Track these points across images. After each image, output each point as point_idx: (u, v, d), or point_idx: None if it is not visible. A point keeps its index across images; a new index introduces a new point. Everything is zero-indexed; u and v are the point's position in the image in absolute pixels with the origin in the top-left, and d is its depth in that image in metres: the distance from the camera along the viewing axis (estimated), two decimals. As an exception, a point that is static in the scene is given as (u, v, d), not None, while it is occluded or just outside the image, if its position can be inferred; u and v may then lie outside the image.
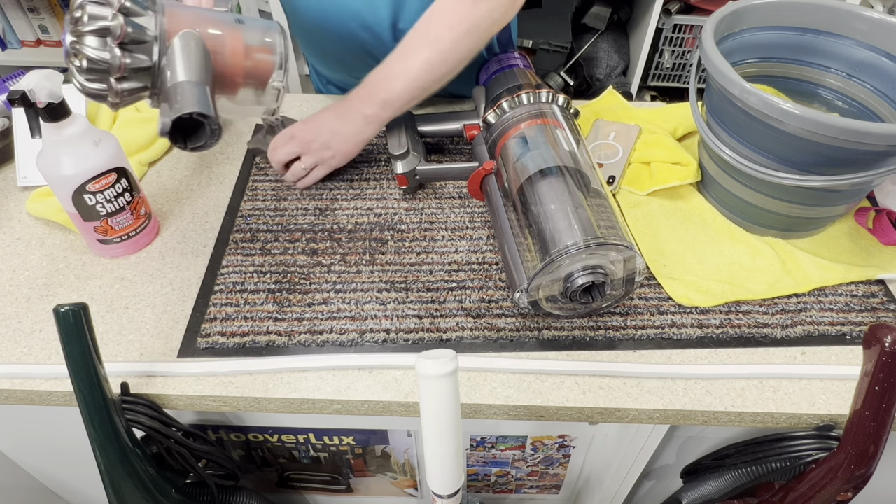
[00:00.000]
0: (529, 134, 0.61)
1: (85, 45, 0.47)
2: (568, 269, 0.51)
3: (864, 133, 0.50)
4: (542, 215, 0.54)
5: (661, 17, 1.63)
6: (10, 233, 0.67)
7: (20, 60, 1.82)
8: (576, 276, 0.51)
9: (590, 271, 0.51)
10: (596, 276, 0.51)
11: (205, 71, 0.51)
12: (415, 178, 0.69)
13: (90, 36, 0.46)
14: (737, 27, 0.66)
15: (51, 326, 0.57)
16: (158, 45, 0.49)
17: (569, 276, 0.51)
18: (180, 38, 0.50)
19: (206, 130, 0.49)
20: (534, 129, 0.62)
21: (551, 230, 0.52)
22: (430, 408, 0.42)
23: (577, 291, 0.51)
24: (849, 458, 0.48)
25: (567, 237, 0.50)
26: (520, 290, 0.53)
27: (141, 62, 0.49)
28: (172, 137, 0.49)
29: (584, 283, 0.51)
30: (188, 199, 0.72)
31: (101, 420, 0.49)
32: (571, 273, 0.51)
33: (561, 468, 0.74)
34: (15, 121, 0.73)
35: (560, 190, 0.55)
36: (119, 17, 0.47)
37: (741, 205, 0.65)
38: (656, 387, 0.53)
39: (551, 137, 0.61)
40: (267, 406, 0.54)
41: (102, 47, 0.47)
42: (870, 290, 0.61)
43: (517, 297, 0.54)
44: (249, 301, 0.60)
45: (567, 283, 0.52)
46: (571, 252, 0.49)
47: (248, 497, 0.66)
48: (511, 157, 0.61)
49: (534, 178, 0.57)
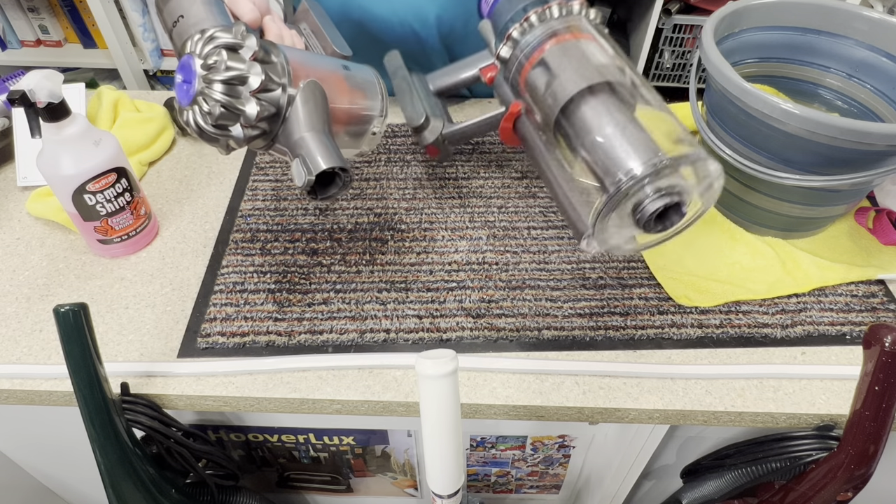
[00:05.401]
0: (551, 58, 0.53)
1: (219, 94, 0.44)
2: (636, 198, 0.45)
3: (864, 133, 0.50)
4: (592, 144, 0.47)
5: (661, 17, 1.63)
6: (10, 233, 0.67)
7: (20, 60, 1.82)
8: (645, 204, 0.44)
9: (661, 194, 0.44)
10: (670, 196, 0.44)
11: (327, 121, 0.50)
12: (444, 143, 0.64)
13: (227, 84, 0.44)
14: (737, 27, 0.66)
15: (51, 326, 0.58)
16: (286, 91, 0.47)
17: (638, 205, 0.45)
18: (306, 87, 0.48)
19: (339, 182, 0.48)
20: (555, 51, 0.53)
21: (605, 159, 0.46)
22: (430, 408, 0.42)
23: (650, 219, 0.45)
24: (849, 458, 0.48)
25: (625, 163, 0.44)
26: (586, 237, 0.47)
27: (269, 111, 0.47)
28: (310, 191, 0.48)
29: (656, 208, 0.44)
30: (188, 199, 0.72)
31: (101, 420, 0.49)
32: (640, 201, 0.45)
33: (561, 468, 0.74)
34: (15, 121, 0.73)
35: (603, 111, 0.48)
36: (257, 67, 0.45)
37: (741, 205, 0.65)
38: (656, 387, 0.53)
39: (578, 53, 0.52)
40: (267, 406, 0.54)
41: (237, 96, 0.45)
42: (870, 290, 0.61)
43: (584, 244, 0.48)
44: (249, 301, 0.60)
45: (638, 213, 0.45)
46: (635, 178, 0.43)
47: (248, 497, 0.66)
48: (539, 90, 0.53)
49: (570, 106, 0.50)
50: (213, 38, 0.44)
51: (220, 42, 0.44)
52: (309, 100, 0.48)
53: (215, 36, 0.45)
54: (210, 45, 0.44)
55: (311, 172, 0.46)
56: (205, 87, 0.44)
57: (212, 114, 0.44)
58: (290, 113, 0.48)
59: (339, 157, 0.47)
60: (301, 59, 0.50)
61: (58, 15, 1.79)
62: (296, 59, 0.49)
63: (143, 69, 1.83)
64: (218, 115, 0.44)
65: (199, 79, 0.44)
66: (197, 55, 0.44)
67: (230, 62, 0.44)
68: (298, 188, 0.48)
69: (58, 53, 1.84)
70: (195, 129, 0.46)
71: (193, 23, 0.51)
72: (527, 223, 0.68)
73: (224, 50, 0.44)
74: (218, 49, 0.44)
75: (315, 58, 0.55)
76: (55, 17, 1.79)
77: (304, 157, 0.46)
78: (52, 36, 1.83)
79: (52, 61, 1.82)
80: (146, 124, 0.76)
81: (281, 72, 0.47)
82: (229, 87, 0.44)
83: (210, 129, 0.46)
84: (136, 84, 1.84)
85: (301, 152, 0.47)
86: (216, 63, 0.44)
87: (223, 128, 0.46)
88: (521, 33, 0.56)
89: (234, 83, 0.44)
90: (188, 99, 0.45)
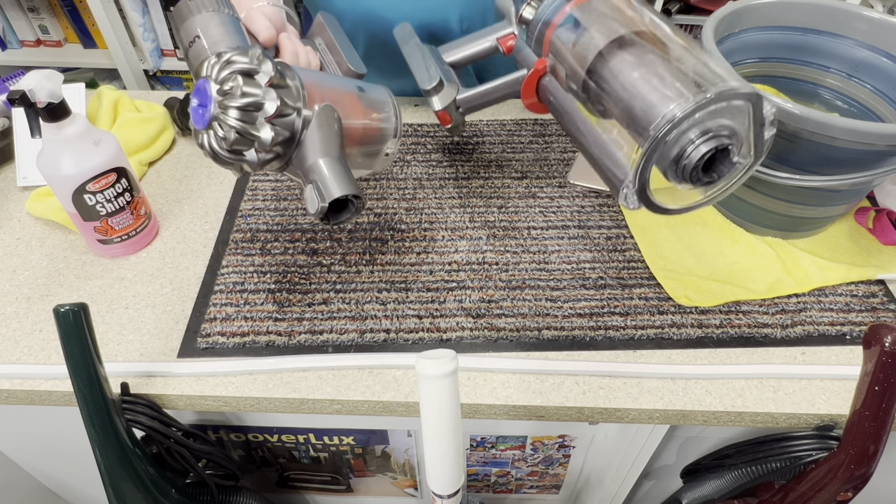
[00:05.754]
0: (579, 13, 0.51)
1: (234, 120, 0.44)
2: (679, 144, 0.41)
3: (864, 133, 0.50)
4: (626, 93, 0.44)
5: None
6: (10, 233, 0.67)
7: (20, 60, 1.82)
8: (690, 150, 0.40)
9: (707, 137, 0.40)
10: (718, 139, 0.40)
11: (342, 145, 0.49)
12: (457, 111, 0.62)
13: (242, 111, 0.44)
14: (737, 27, 0.66)
15: (51, 326, 0.58)
16: (300, 115, 0.47)
17: (681, 153, 0.41)
18: (321, 111, 0.48)
19: (351, 208, 0.48)
20: (582, 7, 0.51)
21: (642, 105, 0.42)
22: (430, 408, 0.42)
23: (696, 168, 0.41)
24: (849, 458, 0.48)
25: (664, 104, 0.40)
26: (625, 188, 0.44)
27: (284, 136, 0.46)
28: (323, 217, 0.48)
29: (703, 153, 0.40)
30: (188, 199, 0.72)
31: (101, 420, 0.49)
32: (684, 147, 0.41)
33: (561, 468, 0.74)
34: (15, 121, 0.73)
35: (636, 59, 0.45)
36: (272, 94, 0.44)
37: (741, 205, 0.65)
38: (656, 387, 0.53)
39: (606, 6, 0.50)
40: (267, 406, 0.54)
41: (252, 122, 0.45)
42: (870, 290, 0.61)
43: (623, 195, 0.45)
44: (249, 301, 0.60)
45: (683, 161, 0.41)
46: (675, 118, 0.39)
47: (248, 497, 0.66)
48: (566, 46, 0.51)
49: (601, 58, 0.47)
50: (230, 63, 0.44)
51: (236, 68, 0.44)
52: (323, 125, 0.48)
53: (232, 60, 0.44)
54: (226, 70, 0.44)
55: (325, 200, 0.45)
56: (220, 112, 0.44)
57: (227, 139, 0.44)
58: (305, 137, 0.48)
59: (352, 185, 0.46)
60: (316, 81, 0.50)
61: (58, 15, 1.79)
62: (311, 80, 0.49)
63: (143, 69, 1.83)
64: (233, 141, 0.44)
65: (214, 104, 0.44)
66: (213, 80, 0.44)
67: (246, 88, 0.44)
68: (311, 215, 0.47)
69: (58, 53, 1.84)
70: (209, 152, 0.46)
71: (210, 44, 0.51)
72: (527, 223, 0.68)
73: (240, 76, 0.44)
74: (234, 75, 0.44)
75: (329, 79, 0.54)
76: (55, 17, 1.80)
77: (318, 183, 0.46)
78: (52, 36, 1.83)
79: (52, 61, 1.82)
80: (146, 124, 0.76)
81: (296, 95, 0.47)
82: (245, 114, 0.44)
83: (225, 153, 0.45)
84: (136, 84, 1.84)
85: (314, 178, 0.46)
86: (232, 89, 0.44)
87: (238, 153, 0.46)
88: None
89: (249, 109, 0.44)
90: (203, 123, 0.45)
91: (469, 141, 0.79)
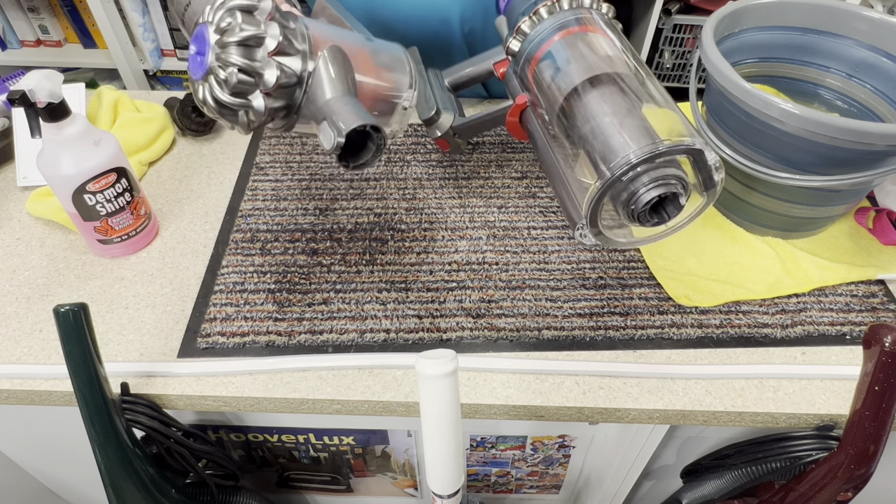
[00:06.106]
0: (557, 50, 0.53)
1: (235, 56, 0.41)
2: (631, 187, 0.44)
3: (864, 133, 0.50)
4: (591, 133, 0.46)
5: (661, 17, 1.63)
6: (10, 233, 0.67)
7: (20, 60, 1.82)
8: (640, 193, 0.43)
9: (656, 183, 0.43)
10: (666, 187, 0.43)
11: (353, 85, 0.47)
12: (454, 137, 0.63)
13: (243, 46, 0.41)
14: (737, 27, 0.66)
15: (51, 326, 0.58)
16: (306, 59, 0.44)
17: (633, 195, 0.44)
18: (328, 52, 0.45)
19: (372, 146, 0.45)
20: (562, 43, 0.53)
21: (603, 147, 0.45)
22: (430, 408, 0.42)
23: (644, 210, 0.44)
24: (849, 458, 0.48)
25: (620, 149, 0.43)
26: (580, 226, 0.47)
27: (290, 80, 0.44)
28: (341, 156, 0.45)
29: (651, 198, 0.43)
30: (188, 199, 0.72)
31: (101, 420, 0.49)
32: (635, 190, 0.43)
33: (561, 468, 0.74)
34: (15, 121, 0.73)
35: (605, 101, 0.47)
36: (274, 28, 0.42)
37: (741, 205, 0.65)
38: (656, 387, 0.53)
39: (584, 45, 0.52)
40: (267, 406, 0.54)
41: (255, 59, 0.42)
42: (870, 290, 0.61)
43: (578, 234, 0.48)
44: (249, 301, 0.60)
45: (632, 204, 0.44)
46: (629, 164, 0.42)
47: (248, 497, 0.66)
48: (545, 81, 0.53)
49: (573, 96, 0.49)
50: (226, 2, 0.42)
51: (232, 4, 0.42)
52: (332, 64, 0.45)
53: (231, 6, 0.42)
54: (222, 9, 0.42)
55: (342, 133, 0.42)
56: (220, 52, 0.42)
57: (229, 81, 0.42)
58: (313, 81, 0.45)
59: (369, 116, 0.43)
60: (322, 29, 0.47)
61: (58, 15, 1.79)
62: (316, 28, 0.47)
63: (143, 69, 1.83)
64: (236, 82, 0.42)
65: (213, 46, 0.42)
66: (210, 23, 0.42)
67: (245, 24, 0.42)
68: (328, 152, 0.44)
69: (58, 53, 1.84)
70: (212, 104, 0.44)
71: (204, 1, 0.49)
72: (527, 223, 0.68)
73: (238, 12, 0.42)
74: (232, 11, 0.42)
75: (337, 30, 0.51)
76: (55, 17, 1.79)
77: (332, 117, 0.43)
78: (52, 36, 1.83)
79: (52, 61, 1.82)
80: (146, 124, 0.76)
81: (301, 38, 0.44)
82: (246, 49, 0.41)
83: (228, 99, 0.43)
84: (136, 84, 1.84)
85: (328, 114, 0.44)
86: (230, 25, 0.42)
87: (242, 95, 0.43)
88: (531, 26, 0.56)
89: (250, 44, 0.42)
90: (202, 70, 0.42)
91: (469, 141, 0.79)
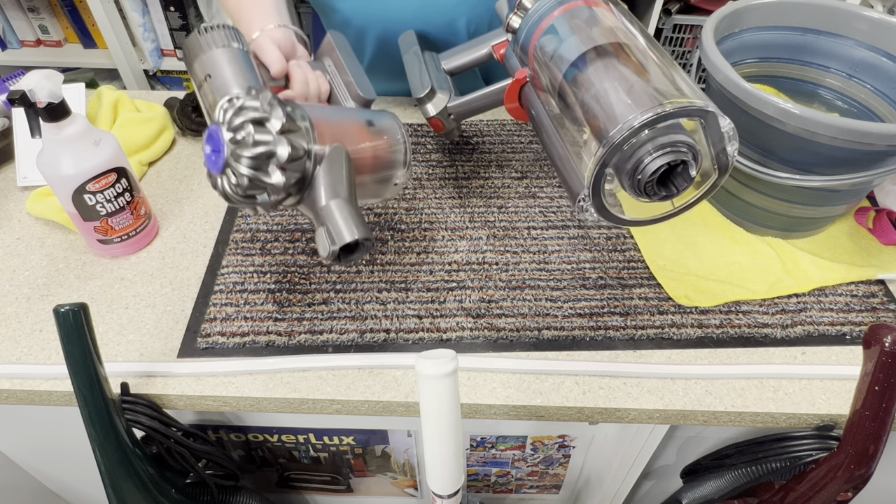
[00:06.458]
0: (559, 23, 0.52)
1: (246, 168, 0.44)
2: (636, 157, 0.41)
3: (864, 133, 0.50)
4: (593, 102, 0.44)
5: (661, 17, 1.63)
6: (10, 233, 0.67)
7: (20, 60, 1.82)
8: (646, 162, 0.40)
9: (663, 151, 0.40)
10: (675, 154, 0.40)
11: (352, 186, 0.50)
12: (449, 118, 0.63)
13: (254, 160, 0.44)
14: (737, 27, 0.66)
15: (51, 326, 0.58)
16: (311, 159, 0.47)
17: (638, 164, 0.41)
18: (331, 153, 0.48)
19: (362, 249, 0.48)
20: (564, 17, 0.52)
21: (605, 114, 0.42)
22: (430, 408, 0.42)
23: (651, 181, 0.41)
24: (849, 458, 0.48)
25: (623, 114, 0.40)
26: (581, 198, 0.44)
27: (295, 178, 0.47)
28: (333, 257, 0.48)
29: (658, 166, 0.40)
30: (188, 199, 0.72)
31: (101, 420, 0.49)
32: (640, 159, 0.40)
33: (561, 468, 0.74)
34: (15, 121, 0.73)
35: (607, 71, 0.45)
36: (283, 142, 0.45)
37: (741, 205, 0.65)
38: (656, 387, 0.53)
39: (585, 17, 0.51)
40: (267, 406, 0.54)
41: (265, 170, 0.45)
42: (870, 290, 0.61)
43: (580, 207, 0.45)
44: (249, 301, 0.60)
45: (638, 174, 0.41)
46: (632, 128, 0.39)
47: (248, 497, 0.66)
48: (546, 56, 0.52)
49: (575, 68, 0.48)
50: (242, 111, 0.45)
51: (248, 117, 0.44)
52: (334, 165, 0.48)
53: (244, 107, 0.45)
54: (239, 118, 0.45)
55: (336, 244, 0.46)
56: (233, 161, 0.44)
57: (240, 185, 0.45)
58: (316, 176, 0.48)
59: (362, 227, 0.47)
60: (325, 117, 0.50)
61: (58, 15, 1.79)
62: (320, 117, 0.49)
63: (143, 69, 1.83)
64: (245, 187, 0.45)
65: (228, 151, 0.44)
66: (225, 127, 0.45)
67: (258, 136, 0.44)
68: (322, 258, 0.48)
69: (58, 53, 1.84)
70: (223, 196, 0.47)
71: (221, 84, 0.52)
72: (527, 223, 0.68)
73: (251, 125, 0.44)
74: (246, 124, 0.44)
75: (339, 113, 0.55)
76: (55, 17, 1.79)
77: (329, 227, 0.47)
78: (52, 36, 1.83)
79: (52, 61, 1.82)
80: (146, 124, 0.76)
81: (307, 136, 0.47)
82: (257, 161, 0.44)
83: (238, 198, 0.46)
84: (136, 84, 1.84)
85: (325, 222, 0.47)
86: (244, 139, 0.44)
87: (251, 197, 0.46)
88: (533, 1, 0.55)
89: (261, 158, 0.44)
90: (218, 168, 0.45)
91: (469, 141, 0.79)
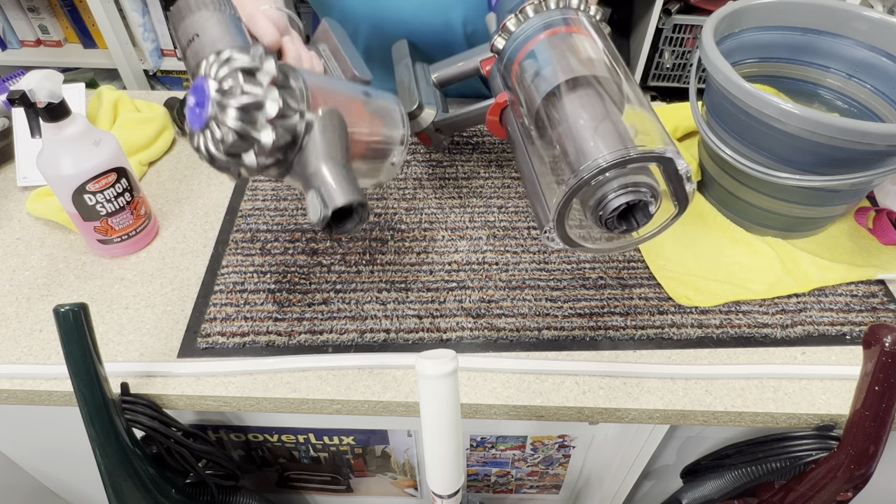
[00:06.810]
0: (540, 50, 0.52)
1: (233, 120, 0.41)
2: (600, 192, 0.43)
3: (864, 133, 0.50)
4: (563, 136, 0.46)
5: (661, 17, 1.63)
6: (10, 233, 0.67)
7: (20, 60, 1.82)
8: (609, 199, 0.42)
9: (626, 190, 0.42)
10: (636, 194, 0.42)
11: (347, 151, 0.47)
12: (436, 133, 0.63)
13: (242, 111, 0.41)
14: (737, 27, 0.66)
15: (51, 326, 0.58)
16: (303, 117, 0.44)
17: (601, 200, 0.43)
18: (325, 114, 0.45)
19: (356, 217, 0.45)
20: (545, 43, 0.52)
21: (575, 150, 0.44)
22: (430, 408, 0.42)
23: (612, 217, 0.43)
24: (849, 458, 0.48)
25: (592, 153, 0.42)
26: (547, 228, 0.46)
27: (285, 139, 0.43)
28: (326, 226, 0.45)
29: (618, 204, 0.42)
30: (188, 199, 0.72)
31: (101, 420, 0.49)
32: (604, 195, 0.43)
33: (561, 468, 0.74)
34: (15, 121, 0.73)
35: (582, 103, 0.46)
36: (274, 93, 0.41)
37: (741, 205, 0.65)
38: (656, 387, 0.53)
39: (566, 46, 0.51)
40: (267, 406, 0.54)
41: (252, 123, 0.41)
42: (870, 290, 0.61)
43: (545, 235, 0.47)
44: (249, 301, 0.60)
45: (600, 209, 0.43)
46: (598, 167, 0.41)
47: (248, 497, 0.66)
48: (525, 81, 0.53)
49: (552, 97, 0.48)
50: (230, 61, 0.42)
51: (236, 65, 0.42)
52: (328, 128, 0.45)
53: (232, 58, 0.42)
54: (226, 67, 0.42)
55: (328, 207, 0.43)
56: (218, 112, 0.41)
57: (224, 141, 0.42)
58: (307, 141, 0.45)
59: (357, 192, 0.44)
60: (320, 84, 0.47)
61: (58, 15, 1.79)
62: (315, 83, 0.47)
63: (143, 69, 1.83)
64: (231, 143, 0.42)
65: (212, 103, 0.41)
66: (211, 78, 0.42)
67: (247, 87, 0.41)
68: (312, 224, 0.44)
69: (58, 53, 1.84)
70: (206, 155, 0.44)
71: (209, 42, 0.49)
72: (527, 223, 0.68)
73: (240, 73, 0.41)
74: (234, 72, 0.41)
75: (335, 82, 0.52)
76: (55, 17, 1.79)
77: (320, 190, 0.44)
78: (52, 36, 1.83)
79: (52, 61, 1.82)
80: (146, 124, 0.76)
81: (299, 97, 0.44)
82: (244, 114, 0.41)
83: (221, 156, 0.43)
84: (136, 84, 1.84)
85: (317, 185, 0.44)
86: (231, 88, 0.41)
87: (235, 155, 0.43)
88: (516, 24, 0.55)
89: (249, 109, 0.41)
90: (201, 123, 0.42)
91: (469, 141, 0.79)
